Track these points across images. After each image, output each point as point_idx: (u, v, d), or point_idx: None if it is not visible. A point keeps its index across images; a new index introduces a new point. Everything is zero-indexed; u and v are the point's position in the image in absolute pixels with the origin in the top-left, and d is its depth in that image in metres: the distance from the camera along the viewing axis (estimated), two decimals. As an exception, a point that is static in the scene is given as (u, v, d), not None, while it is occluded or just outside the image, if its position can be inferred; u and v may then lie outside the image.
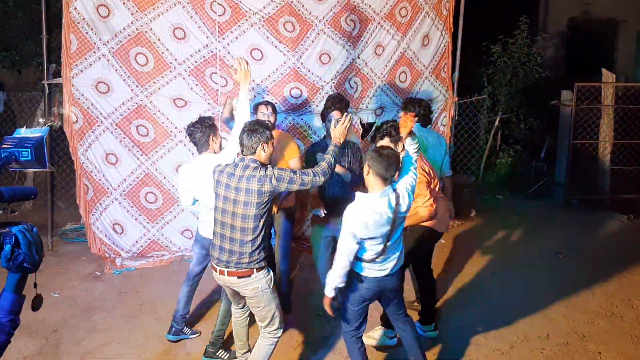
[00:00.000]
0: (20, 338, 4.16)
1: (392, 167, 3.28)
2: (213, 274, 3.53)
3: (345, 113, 3.68)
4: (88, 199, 5.77)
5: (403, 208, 3.34)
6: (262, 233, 3.38)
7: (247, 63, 3.87)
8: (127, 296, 5.11)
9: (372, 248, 3.32)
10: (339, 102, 4.52)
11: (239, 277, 3.39)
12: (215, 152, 4.04)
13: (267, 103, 4.63)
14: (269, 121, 4.33)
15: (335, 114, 4.40)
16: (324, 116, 4.56)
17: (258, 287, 3.41)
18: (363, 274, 3.40)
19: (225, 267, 3.41)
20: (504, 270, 5.65)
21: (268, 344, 3.54)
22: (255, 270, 3.38)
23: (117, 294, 5.15)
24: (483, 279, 5.45)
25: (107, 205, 5.80)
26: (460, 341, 4.32)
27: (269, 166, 3.40)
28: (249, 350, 3.86)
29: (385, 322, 4.22)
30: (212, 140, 4.03)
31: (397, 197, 3.31)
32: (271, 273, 3.50)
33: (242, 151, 3.45)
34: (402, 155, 3.56)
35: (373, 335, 4.30)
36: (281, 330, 3.57)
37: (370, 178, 3.29)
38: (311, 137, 6.02)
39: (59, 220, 6.55)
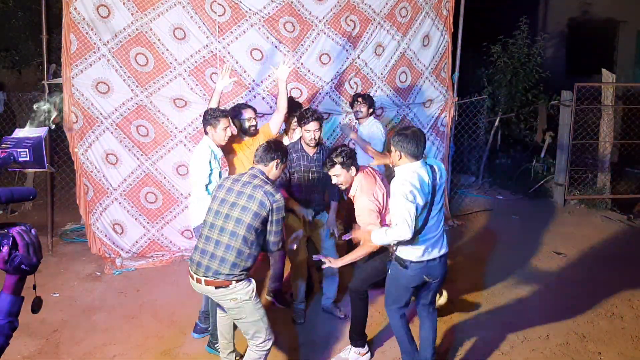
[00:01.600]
0: (20, 338, 4.16)
1: (421, 143, 3.37)
2: (190, 281, 3.40)
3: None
4: (88, 199, 5.76)
5: (441, 177, 3.49)
6: (251, 248, 3.28)
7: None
8: (127, 296, 5.11)
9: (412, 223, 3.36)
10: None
11: (216, 287, 3.26)
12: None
13: (252, 109, 4.68)
14: (254, 127, 4.60)
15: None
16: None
17: (237, 298, 3.27)
18: (407, 258, 3.44)
19: (203, 275, 3.27)
20: (503, 271, 5.65)
21: (256, 357, 3.39)
22: (234, 281, 3.25)
23: (117, 294, 5.14)
24: (482, 279, 5.44)
25: (107, 205, 5.80)
26: (460, 341, 4.32)
27: (276, 189, 3.38)
28: (234, 351, 3.82)
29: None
30: (209, 129, 4.21)
31: (432, 167, 3.45)
32: (253, 283, 3.34)
33: (255, 160, 3.51)
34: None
35: (342, 356, 4.11)
36: (270, 342, 3.41)
37: (403, 161, 3.39)
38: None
39: (59, 221, 6.54)
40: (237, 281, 3.25)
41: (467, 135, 8.08)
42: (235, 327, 3.70)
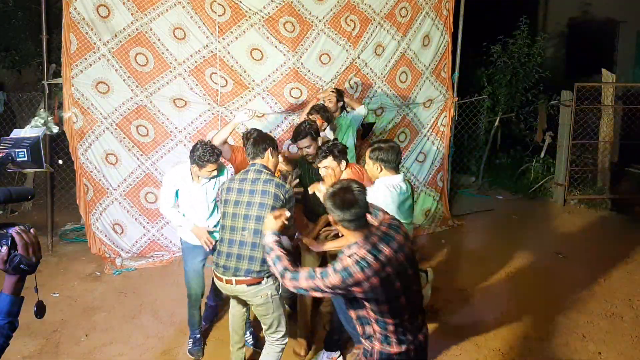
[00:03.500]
0: (20, 338, 4.16)
1: (399, 156, 3.44)
2: (217, 283, 3.51)
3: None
4: (88, 199, 5.76)
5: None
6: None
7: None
8: (127, 296, 5.11)
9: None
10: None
11: (248, 285, 3.35)
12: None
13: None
14: None
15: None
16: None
17: (268, 293, 3.38)
18: None
19: (233, 275, 3.36)
20: (504, 271, 5.65)
21: (276, 351, 3.51)
22: (265, 277, 3.34)
23: (117, 294, 5.14)
24: (483, 279, 5.44)
25: (107, 205, 5.80)
26: (460, 341, 4.32)
27: (283, 179, 3.50)
28: (244, 346, 3.85)
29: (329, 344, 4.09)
30: (194, 167, 3.88)
31: (407, 182, 3.52)
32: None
33: (250, 157, 3.54)
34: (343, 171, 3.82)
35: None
36: (287, 338, 3.54)
37: (385, 174, 3.42)
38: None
39: (59, 221, 6.54)
40: (267, 277, 3.35)
41: (467, 135, 8.08)
42: (247, 323, 3.85)
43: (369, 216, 2.49)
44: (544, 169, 8.53)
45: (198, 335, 4.21)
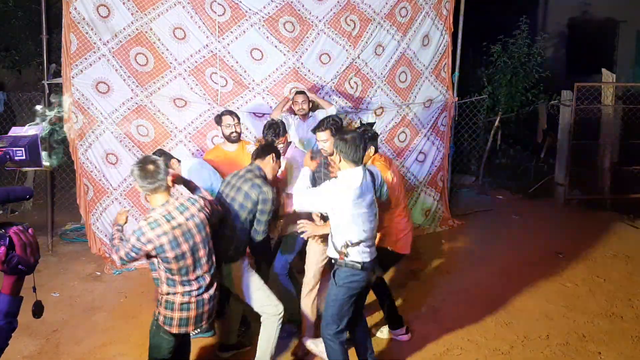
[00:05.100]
0: (20, 338, 4.16)
1: (360, 149, 3.34)
2: None
3: None
4: (88, 199, 5.76)
5: (381, 190, 3.61)
6: (242, 236, 3.66)
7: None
8: (128, 296, 5.11)
9: (361, 227, 3.32)
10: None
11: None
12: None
13: (231, 113, 4.70)
14: (235, 132, 4.62)
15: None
16: None
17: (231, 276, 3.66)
18: (362, 260, 3.36)
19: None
20: (504, 270, 5.65)
21: (270, 329, 3.66)
22: (222, 263, 3.56)
23: (117, 294, 5.14)
24: (483, 279, 5.44)
25: (108, 205, 5.79)
26: (460, 341, 4.32)
27: (265, 182, 3.63)
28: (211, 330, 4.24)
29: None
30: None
31: (372, 175, 3.48)
32: (246, 260, 3.70)
33: (253, 156, 3.81)
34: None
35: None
36: (279, 308, 3.66)
37: (343, 164, 3.39)
38: (311, 137, 6.01)
39: (59, 220, 6.54)
40: (225, 263, 3.61)
41: (467, 135, 8.08)
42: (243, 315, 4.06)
43: (182, 188, 3.27)
44: (544, 169, 8.53)
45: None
